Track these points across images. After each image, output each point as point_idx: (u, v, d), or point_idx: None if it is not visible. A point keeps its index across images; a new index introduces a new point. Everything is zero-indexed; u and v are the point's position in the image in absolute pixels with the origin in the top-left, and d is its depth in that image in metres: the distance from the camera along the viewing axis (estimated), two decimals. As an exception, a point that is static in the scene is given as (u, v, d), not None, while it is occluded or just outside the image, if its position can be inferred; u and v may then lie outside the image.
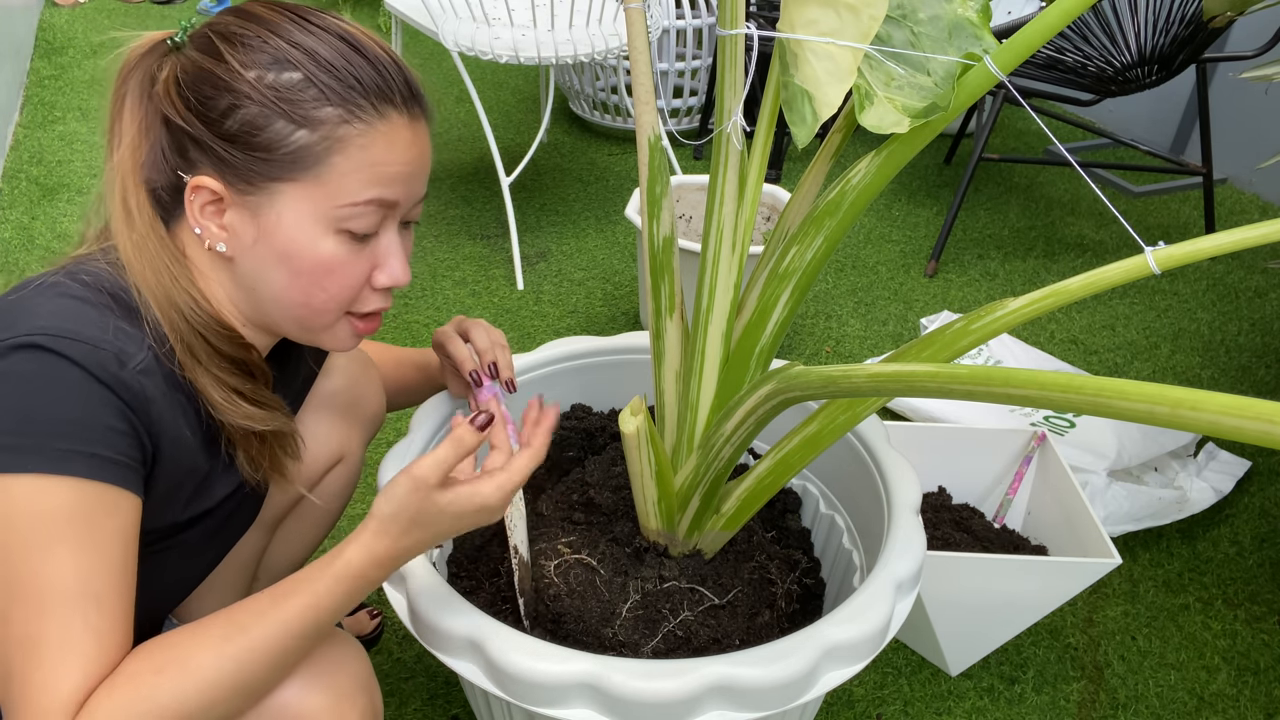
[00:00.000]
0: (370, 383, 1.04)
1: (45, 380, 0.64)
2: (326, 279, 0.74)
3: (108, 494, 0.66)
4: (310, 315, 0.77)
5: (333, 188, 0.72)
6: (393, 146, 0.73)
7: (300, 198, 0.72)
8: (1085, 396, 0.51)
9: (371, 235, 0.76)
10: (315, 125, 0.70)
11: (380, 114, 0.72)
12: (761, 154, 0.83)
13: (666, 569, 0.91)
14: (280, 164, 0.71)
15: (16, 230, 2.18)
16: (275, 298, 0.76)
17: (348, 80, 0.71)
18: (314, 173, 0.71)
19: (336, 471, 1.04)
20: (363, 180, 0.72)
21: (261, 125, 0.70)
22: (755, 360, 0.85)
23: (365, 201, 0.73)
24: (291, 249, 0.73)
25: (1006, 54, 0.70)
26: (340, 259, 0.74)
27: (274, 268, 0.74)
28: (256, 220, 0.73)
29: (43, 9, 3.61)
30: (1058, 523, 1.32)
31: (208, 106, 0.71)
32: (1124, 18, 2.05)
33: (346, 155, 0.71)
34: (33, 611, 0.63)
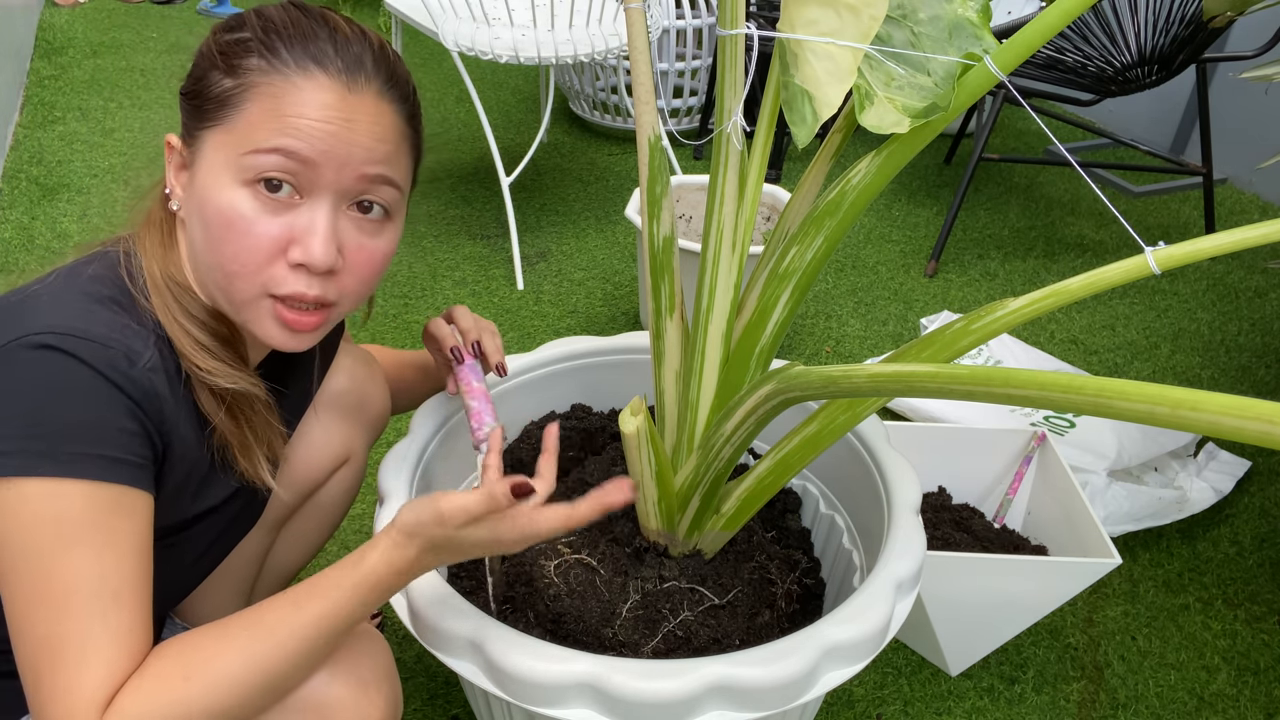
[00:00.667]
0: (375, 384, 1.04)
1: (57, 382, 0.64)
2: (228, 233, 0.70)
3: (122, 495, 0.66)
4: (225, 281, 0.73)
5: (241, 134, 0.70)
6: (308, 102, 0.70)
7: (216, 145, 0.71)
8: (1086, 397, 0.51)
9: (294, 204, 0.71)
10: (237, 73, 0.71)
11: (302, 69, 0.70)
12: (761, 154, 0.83)
13: (666, 569, 0.91)
14: (204, 111, 0.72)
15: (16, 230, 2.18)
16: (200, 259, 0.74)
17: (282, 36, 0.71)
18: (229, 119, 0.71)
19: (341, 473, 1.04)
20: (271, 129, 0.70)
21: (200, 77, 0.73)
22: (755, 360, 0.85)
23: (270, 149, 0.69)
24: (204, 197, 0.71)
25: (1006, 54, 0.70)
26: (243, 213, 0.70)
27: (194, 220, 0.73)
28: (190, 172, 0.74)
29: (43, 9, 3.61)
30: (1058, 523, 1.32)
31: (190, 74, 0.75)
32: (1124, 18, 2.05)
33: (258, 102, 0.70)
34: (54, 613, 0.63)
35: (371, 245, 0.76)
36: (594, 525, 0.98)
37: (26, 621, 0.63)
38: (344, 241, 0.74)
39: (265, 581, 1.08)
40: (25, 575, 0.63)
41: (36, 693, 0.63)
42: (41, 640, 0.63)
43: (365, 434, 1.05)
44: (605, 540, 0.95)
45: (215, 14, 3.70)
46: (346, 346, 1.03)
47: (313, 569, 1.37)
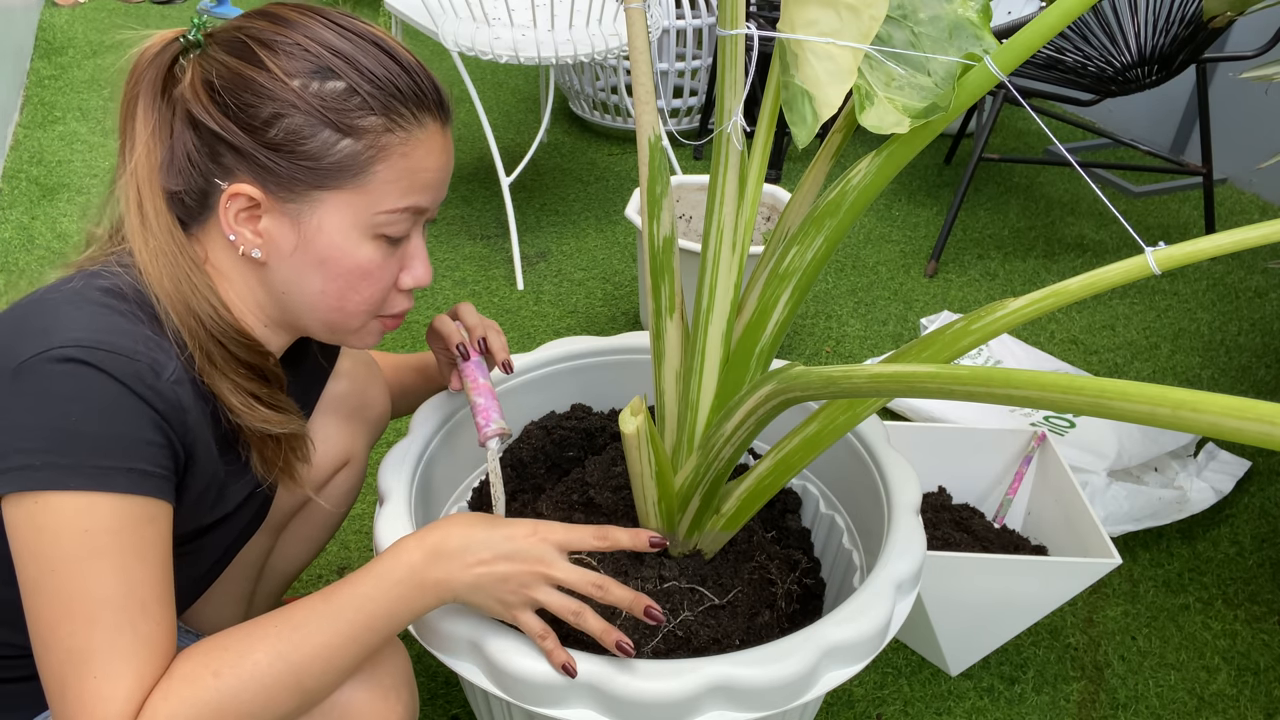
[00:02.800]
0: (375, 386, 1.04)
1: (83, 396, 0.64)
2: (362, 283, 0.76)
3: (147, 506, 0.66)
4: (343, 319, 0.78)
5: (374, 195, 0.73)
6: (430, 154, 0.75)
7: (343, 205, 0.73)
8: (1087, 398, 0.51)
9: (402, 239, 0.77)
10: (360, 134, 0.71)
11: (419, 122, 0.74)
12: (762, 154, 0.83)
13: (666, 569, 0.91)
14: (325, 173, 0.71)
15: (16, 230, 2.18)
16: (310, 303, 0.77)
17: (389, 89, 0.72)
18: (357, 181, 0.72)
19: (342, 474, 1.04)
20: (402, 188, 0.74)
21: (308, 135, 0.70)
22: (755, 360, 0.85)
23: (403, 209, 0.74)
24: (331, 255, 0.74)
25: (1007, 54, 0.70)
26: (376, 264, 0.75)
27: (311, 273, 0.75)
28: (297, 227, 0.73)
29: (43, 9, 3.61)
30: (1058, 523, 1.32)
31: (249, 114, 0.70)
32: (1124, 18, 2.05)
33: (388, 164, 0.73)
34: (81, 624, 0.63)
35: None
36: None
37: (53, 634, 0.63)
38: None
39: (266, 584, 1.08)
40: (52, 588, 0.63)
41: (63, 704, 0.63)
42: (70, 652, 0.63)
43: (366, 436, 1.05)
44: (605, 540, 0.95)
45: (215, 14, 3.70)
46: (346, 349, 1.03)
47: (312, 570, 1.37)
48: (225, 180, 0.72)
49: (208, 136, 0.72)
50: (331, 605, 0.69)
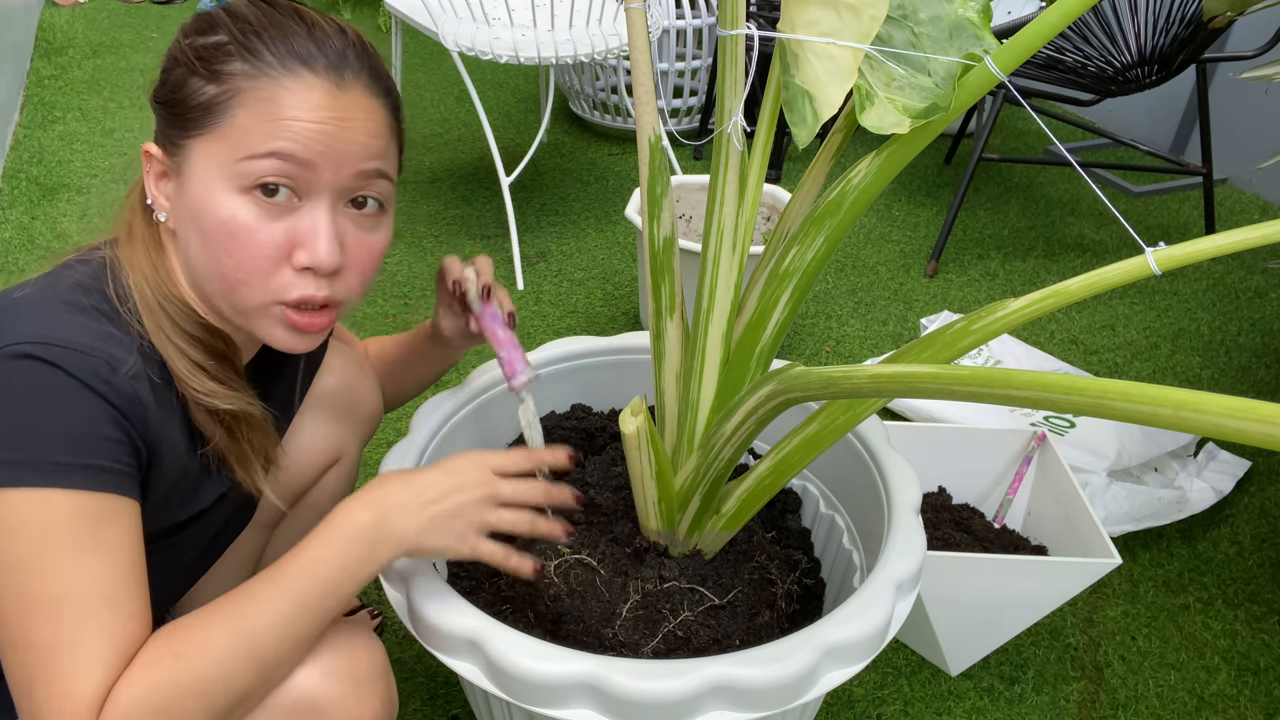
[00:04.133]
0: (366, 383, 1.04)
1: (40, 392, 0.64)
2: (230, 243, 0.70)
3: (107, 502, 0.66)
4: (230, 291, 0.72)
5: (233, 141, 0.69)
6: (301, 105, 0.69)
7: (205, 152, 0.70)
8: (1088, 398, 0.51)
9: (293, 207, 0.71)
10: (221, 79, 0.70)
11: (289, 70, 0.70)
12: (762, 154, 0.83)
13: (667, 569, 0.91)
14: (189, 119, 0.71)
15: (16, 230, 2.18)
16: (199, 269, 0.74)
17: (263, 37, 0.70)
18: (217, 126, 0.70)
19: (333, 472, 1.04)
20: (264, 133, 0.69)
21: (181, 83, 0.71)
22: (755, 361, 0.85)
23: (266, 154, 0.69)
24: (199, 208, 0.71)
25: (1007, 54, 0.70)
26: (243, 222, 0.70)
27: (190, 232, 0.72)
28: (178, 180, 0.73)
29: (43, 9, 3.60)
30: (1058, 523, 1.32)
31: (161, 79, 0.74)
32: (1124, 18, 2.05)
33: (247, 108, 0.69)
34: (45, 620, 0.63)
35: (370, 240, 0.77)
36: (594, 525, 0.98)
37: (17, 632, 0.63)
38: (344, 239, 0.74)
39: None
40: (14, 586, 0.63)
41: (30, 700, 0.63)
42: (34, 649, 0.63)
43: (357, 433, 1.05)
44: (605, 540, 0.95)
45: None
46: (337, 346, 1.03)
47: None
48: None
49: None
50: (284, 575, 0.69)
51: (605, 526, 0.97)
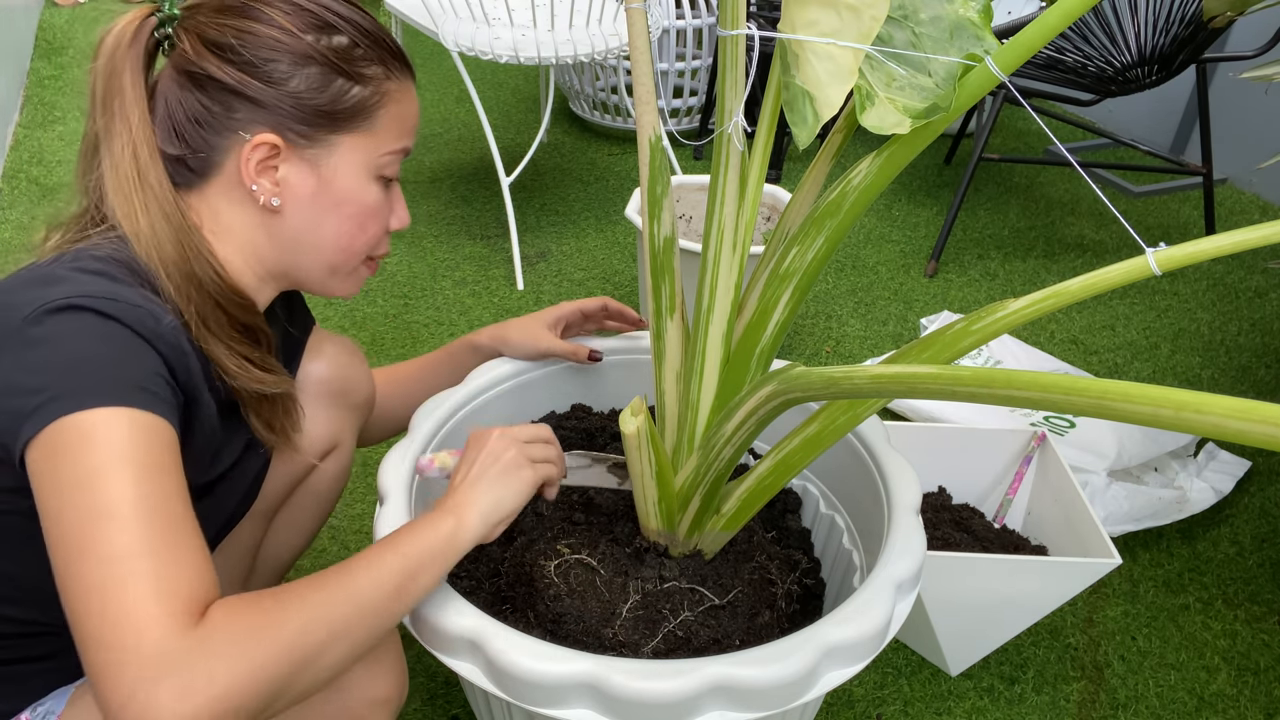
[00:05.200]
0: (358, 369, 1.05)
1: (89, 334, 0.65)
2: (370, 222, 0.83)
3: (164, 428, 0.66)
4: (345, 259, 0.84)
5: (379, 138, 0.80)
6: (412, 101, 0.84)
7: (355, 148, 0.80)
8: (1089, 399, 0.51)
9: (392, 183, 0.85)
10: (366, 82, 0.79)
11: (403, 72, 0.82)
12: (762, 154, 0.83)
13: (667, 569, 0.91)
14: (341, 118, 0.78)
15: (16, 230, 2.18)
16: (320, 245, 0.82)
17: (380, 43, 0.80)
18: (367, 125, 0.80)
19: (330, 459, 1.04)
20: (397, 131, 0.82)
21: (324, 83, 0.77)
22: (756, 361, 0.85)
23: (399, 150, 0.82)
24: (347, 196, 0.80)
25: (1007, 55, 0.70)
26: (380, 203, 0.83)
27: (327, 215, 0.80)
28: (316, 171, 0.79)
29: (43, 9, 3.60)
30: (1058, 523, 1.32)
31: (269, 68, 0.75)
32: (1124, 18, 2.05)
33: (388, 109, 0.80)
34: (122, 528, 0.60)
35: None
36: (594, 525, 0.98)
37: (90, 545, 0.60)
38: None
39: (260, 573, 1.08)
40: (84, 502, 0.61)
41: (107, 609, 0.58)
42: (107, 559, 0.59)
43: (352, 419, 1.05)
44: (605, 540, 0.95)
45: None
46: (327, 334, 1.04)
47: (307, 560, 1.37)
48: (245, 132, 0.76)
49: (220, 93, 0.75)
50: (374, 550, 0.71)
51: (605, 526, 0.97)
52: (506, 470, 0.80)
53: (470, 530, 0.76)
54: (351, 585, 0.67)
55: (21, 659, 0.78)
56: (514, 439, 0.83)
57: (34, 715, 0.78)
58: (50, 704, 0.79)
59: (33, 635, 0.78)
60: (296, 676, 0.62)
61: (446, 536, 0.74)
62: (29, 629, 0.77)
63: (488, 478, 0.79)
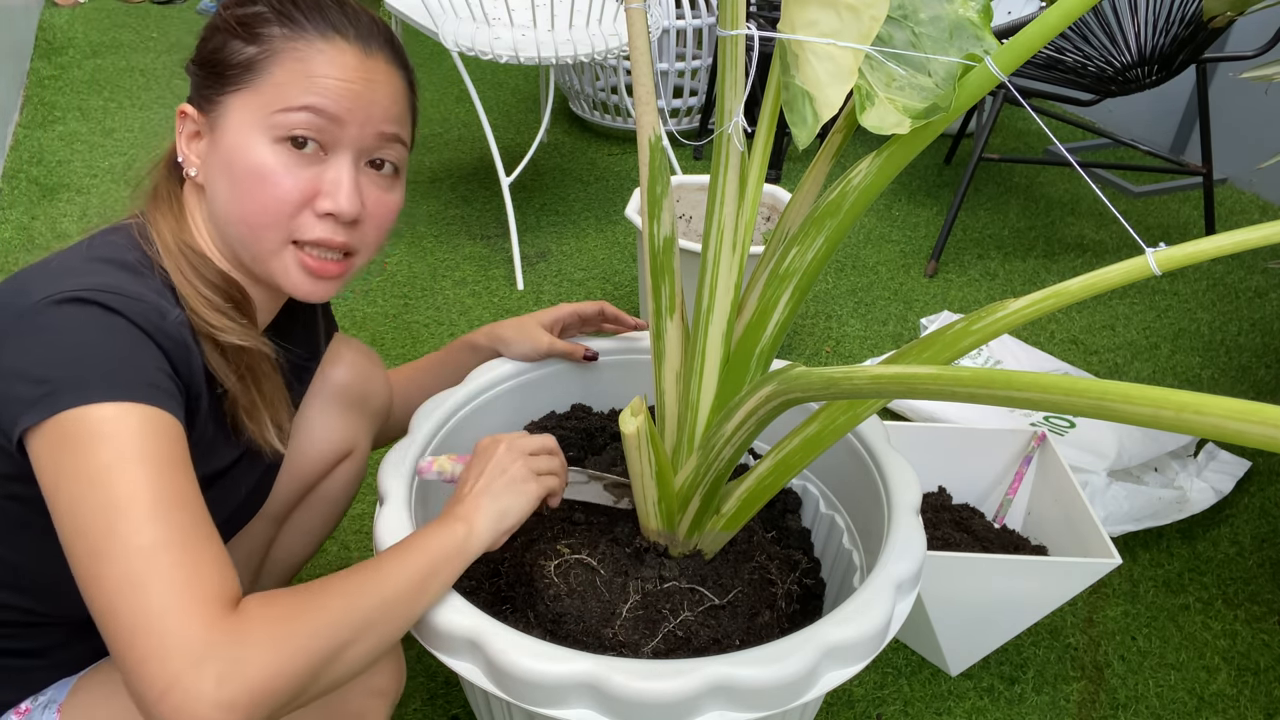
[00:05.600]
0: (377, 377, 1.05)
1: (95, 327, 0.66)
2: (259, 186, 0.75)
3: (172, 423, 0.66)
4: (252, 235, 0.77)
5: (269, 95, 0.75)
6: (332, 65, 0.76)
7: (241, 105, 0.76)
8: (1089, 400, 0.51)
9: (319, 159, 0.77)
10: (260, 40, 0.76)
11: (323, 35, 0.76)
12: (762, 154, 0.83)
13: (667, 569, 0.91)
14: (228, 76, 0.76)
15: (16, 230, 2.18)
16: (224, 215, 0.78)
17: (300, 6, 0.77)
18: (254, 82, 0.76)
19: (343, 466, 1.04)
20: (299, 89, 0.75)
21: (222, 46, 0.77)
22: (756, 361, 0.85)
23: (300, 107, 0.75)
24: (232, 156, 0.76)
25: (1007, 55, 0.70)
26: (273, 167, 0.75)
27: (220, 179, 0.77)
28: (212, 135, 0.78)
29: (43, 9, 3.60)
30: (1058, 523, 1.32)
31: (200, 45, 0.80)
32: (1124, 18, 2.05)
33: (284, 66, 0.75)
34: (141, 522, 0.61)
35: (387, 198, 0.83)
36: (594, 525, 0.98)
37: (113, 540, 0.60)
38: (364, 195, 0.80)
39: (269, 575, 1.08)
40: (101, 496, 0.61)
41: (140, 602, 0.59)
42: (138, 550, 0.60)
43: (368, 427, 1.05)
44: (605, 540, 0.95)
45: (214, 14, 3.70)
46: (347, 339, 1.04)
47: (315, 563, 1.37)
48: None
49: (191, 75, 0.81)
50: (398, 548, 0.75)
51: (605, 526, 0.97)
52: (513, 482, 0.82)
53: (480, 537, 0.78)
54: (379, 581, 0.70)
55: (22, 651, 0.78)
56: (521, 451, 0.84)
57: (35, 704, 0.78)
58: (52, 693, 0.79)
59: (33, 625, 0.78)
60: (328, 667, 0.65)
61: (460, 541, 0.77)
62: (29, 618, 0.77)
63: (495, 489, 0.81)
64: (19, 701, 0.79)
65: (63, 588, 0.76)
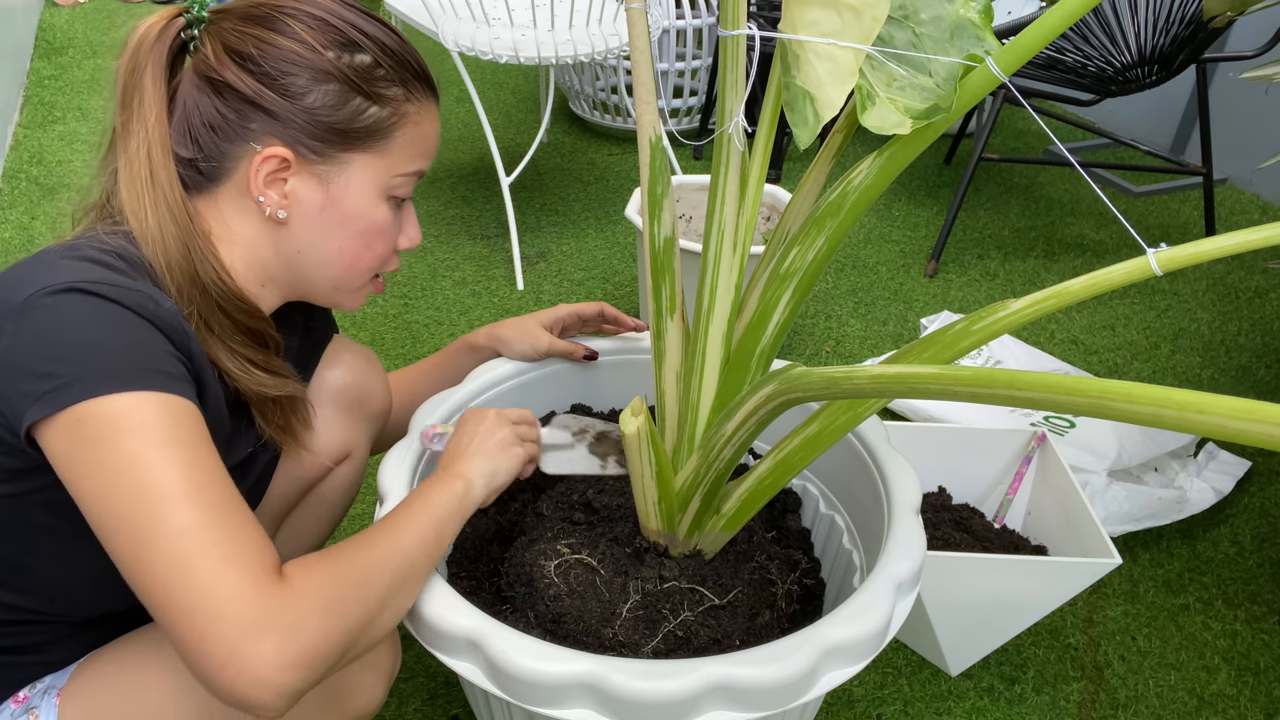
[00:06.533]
0: (376, 379, 1.05)
1: (93, 316, 0.65)
2: (377, 241, 0.83)
3: (187, 405, 0.66)
4: (350, 277, 0.84)
5: (392, 159, 0.80)
6: (431, 124, 0.84)
7: (367, 167, 0.79)
8: (1090, 399, 0.51)
9: (404, 203, 0.85)
10: (385, 102, 0.79)
11: (424, 94, 0.82)
12: (763, 155, 0.83)
13: (667, 569, 0.91)
14: (356, 136, 0.78)
15: (16, 230, 2.18)
16: (325, 260, 0.82)
17: (404, 64, 0.80)
18: (382, 145, 0.79)
19: (342, 468, 1.04)
20: (413, 153, 0.82)
21: (342, 102, 0.77)
22: (756, 361, 0.85)
23: (412, 172, 0.82)
24: (355, 214, 0.80)
25: (1008, 55, 0.70)
26: (388, 223, 0.83)
27: (333, 232, 0.80)
28: (325, 188, 0.79)
29: (43, 9, 3.60)
30: (1058, 523, 1.32)
31: (286, 82, 0.75)
32: (1124, 18, 2.05)
33: (405, 131, 0.80)
34: (180, 505, 0.61)
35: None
36: (594, 525, 0.98)
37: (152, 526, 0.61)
38: None
39: None
40: (131, 484, 0.61)
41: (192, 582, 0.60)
42: (180, 532, 0.61)
43: (367, 429, 1.05)
44: (605, 540, 0.95)
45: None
46: (346, 341, 1.04)
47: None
48: (256, 143, 0.76)
49: (236, 102, 0.75)
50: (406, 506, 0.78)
51: (605, 527, 0.97)
52: (502, 446, 0.87)
53: (476, 493, 0.83)
54: (399, 541, 0.74)
55: (17, 648, 0.78)
56: (507, 419, 0.90)
57: (34, 691, 0.78)
58: (50, 679, 0.79)
59: (31, 624, 0.78)
60: (371, 625, 0.69)
61: (460, 495, 0.81)
62: (28, 617, 0.77)
63: (486, 451, 0.86)
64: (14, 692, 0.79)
65: (64, 587, 0.77)
